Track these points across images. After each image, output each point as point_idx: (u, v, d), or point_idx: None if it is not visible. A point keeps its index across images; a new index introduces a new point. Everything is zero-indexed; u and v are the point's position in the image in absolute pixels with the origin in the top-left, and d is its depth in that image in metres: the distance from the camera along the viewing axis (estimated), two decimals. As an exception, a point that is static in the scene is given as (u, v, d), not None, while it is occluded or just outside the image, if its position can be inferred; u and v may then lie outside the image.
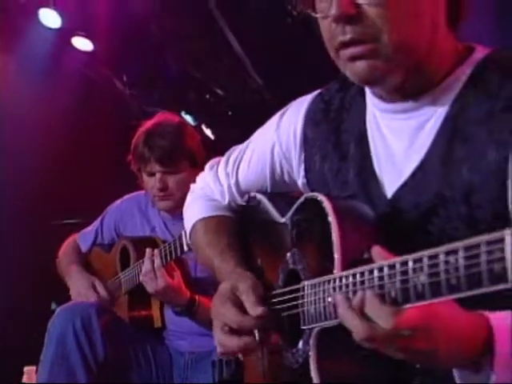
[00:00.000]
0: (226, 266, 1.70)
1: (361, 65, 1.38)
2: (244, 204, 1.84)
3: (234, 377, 1.67)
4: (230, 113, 6.31)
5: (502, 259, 0.99)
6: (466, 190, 1.37)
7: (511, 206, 1.31)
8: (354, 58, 1.38)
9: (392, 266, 1.17)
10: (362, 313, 1.19)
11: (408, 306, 1.15)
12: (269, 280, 1.64)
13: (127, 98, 6.24)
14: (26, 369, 3.96)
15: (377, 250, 1.23)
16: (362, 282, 1.22)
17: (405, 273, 1.14)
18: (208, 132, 6.28)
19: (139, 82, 6.27)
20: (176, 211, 3.01)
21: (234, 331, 1.55)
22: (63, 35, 5.55)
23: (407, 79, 1.42)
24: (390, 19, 1.34)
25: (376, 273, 1.19)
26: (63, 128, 5.38)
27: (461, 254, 1.05)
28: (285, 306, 1.52)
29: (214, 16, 5.87)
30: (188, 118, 6.20)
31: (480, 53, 1.45)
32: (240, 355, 1.67)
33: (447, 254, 1.08)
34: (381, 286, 1.18)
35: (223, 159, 1.89)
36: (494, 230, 1.26)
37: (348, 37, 1.36)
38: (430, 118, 1.44)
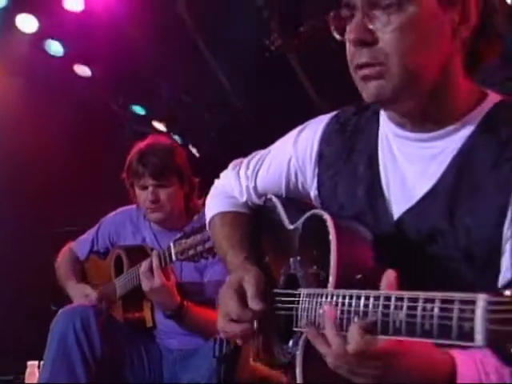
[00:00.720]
0: (236, 259, 1.69)
1: (371, 85, 1.37)
2: (261, 204, 1.82)
3: (231, 353, 1.70)
4: (212, 133, 6.32)
5: (472, 319, 0.97)
6: (466, 225, 1.35)
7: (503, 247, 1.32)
8: (366, 79, 1.38)
9: (377, 298, 1.15)
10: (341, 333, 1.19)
11: (385, 337, 1.13)
12: (272, 277, 1.64)
13: (122, 118, 6.26)
14: (29, 363, 3.97)
15: (388, 276, 1.19)
16: (350, 305, 1.21)
17: (387, 307, 1.13)
18: (194, 151, 6.29)
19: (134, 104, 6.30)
20: (166, 223, 3.05)
21: (234, 320, 1.55)
22: (65, 62, 5.58)
23: (421, 109, 1.40)
24: (400, 46, 1.34)
25: (363, 300, 1.18)
26: (63, 145, 5.35)
27: (437, 304, 1.04)
28: (282, 305, 1.53)
29: (202, 51, 5.93)
30: (176, 138, 6.22)
31: (493, 99, 1.43)
32: (239, 341, 1.66)
33: (425, 300, 1.06)
34: (364, 313, 1.17)
35: (245, 162, 1.87)
36: (488, 264, 1.32)
37: (362, 60, 1.36)
38: (442, 152, 1.42)
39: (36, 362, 3.85)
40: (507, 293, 0.93)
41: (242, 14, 5.38)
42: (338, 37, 1.42)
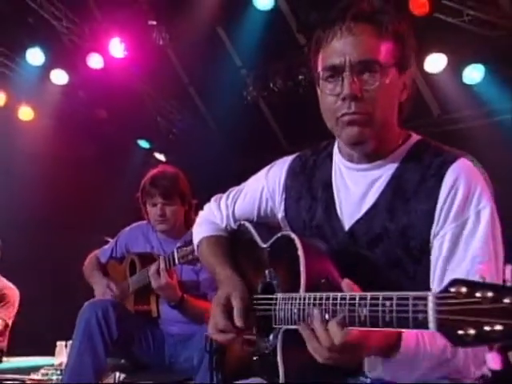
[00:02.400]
0: (224, 272, 1.63)
1: (355, 129, 1.38)
2: (236, 228, 1.78)
3: (220, 348, 1.66)
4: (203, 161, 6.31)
5: (425, 312, 0.99)
6: (403, 226, 1.38)
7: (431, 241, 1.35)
8: (351, 124, 1.38)
9: (343, 298, 1.16)
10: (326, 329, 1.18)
11: (351, 328, 1.14)
12: (250, 286, 1.59)
13: (130, 150, 6.26)
14: (58, 343, 3.95)
15: (345, 283, 1.20)
16: (320, 304, 1.21)
17: (352, 305, 1.13)
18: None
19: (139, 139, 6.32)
20: (169, 233, 3.04)
21: (221, 330, 1.51)
22: (88, 107, 5.61)
23: (375, 148, 1.43)
24: (380, 102, 1.36)
25: (331, 300, 1.18)
26: (86, 170, 5.39)
27: (394, 300, 1.05)
28: (261, 307, 1.49)
29: (193, 98, 5.99)
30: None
31: (414, 138, 1.48)
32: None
33: (384, 298, 1.08)
34: (334, 311, 1.17)
35: (225, 195, 1.83)
36: (423, 253, 1.35)
37: (352, 110, 1.36)
38: (380, 177, 1.45)
39: (63, 342, 3.83)
40: (452, 289, 0.95)
41: (225, 71, 5.45)
42: (325, 89, 1.41)
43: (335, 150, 1.57)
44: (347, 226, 1.48)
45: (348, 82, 1.35)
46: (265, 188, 1.71)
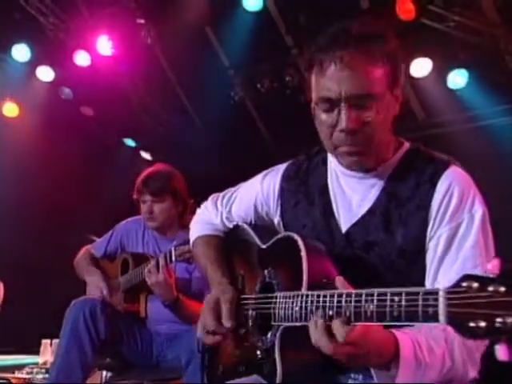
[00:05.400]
0: (214, 275, 1.66)
1: (353, 159, 1.44)
2: (231, 228, 1.80)
3: (212, 348, 1.68)
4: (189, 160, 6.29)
5: (436, 306, 1.01)
6: (398, 231, 1.42)
7: (427, 246, 1.39)
8: (350, 154, 1.43)
9: (349, 295, 1.17)
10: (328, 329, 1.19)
11: (357, 323, 1.15)
12: (247, 286, 1.62)
13: (116, 148, 6.24)
14: (43, 341, 3.92)
15: (339, 280, 1.23)
16: (324, 301, 1.22)
17: (358, 301, 1.15)
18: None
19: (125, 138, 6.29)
20: (160, 231, 3.08)
21: (211, 332, 1.55)
22: (74, 104, 5.57)
23: (373, 163, 1.47)
24: (377, 129, 1.40)
25: (336, 297, 1.19)
26: (73, 167, 5.35)
27: (403, 296, 1.07)
28: (260, 306, 1.51)
29: (181, 97, 5.98)
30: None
31: (406, 145, 1.53)
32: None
33: (392, 294, 1.09)
34: (338, 307, 1.18)
35: (221, 195, 1.85)
36: (418, 256, 1.39)
37: (349, 142, 1.40)
38: (376, 184, 1.49)
39: (48, 341, 3.81)
40: (463, 284, 0.97)
41: (212, 71, 5.45)
42: (321, 118, 1.43)
43: (329, 156, 1.60)
44: (344, 228, 1.51)
45: (345, 116, 1.38)
46: (259, 194, 1.73)
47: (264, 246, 1.61)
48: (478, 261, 1.34)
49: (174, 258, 2.68)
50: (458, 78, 4.61)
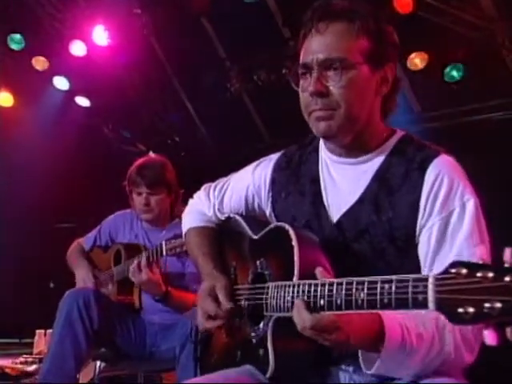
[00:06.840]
0: (206, 266, 1.67)
1: (322, 124, 1.43)
2: (223, 219, 1.79)
3: (205, 338, 1.71)
4: (182, 153, 6.29)
5: (425, 292, 1.01)
6: (389, 218, 1.42)
7: (418, 232, 1.39)
8: (318, 120, 1.44)
9: (340, 283, 1.18)
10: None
11: (348, 311, 1.15)
12: (240, 277, 1.62)
13: (112, 139, 6.22)
14: (37, 332, 3.93)
15: (318, 271, 1.25)
16: (315, 291, 1.22)
17: (349, 289, 1.15)
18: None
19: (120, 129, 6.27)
20: (153, 222, 3.06)
21: (211, 317, 1.56)
22: (69, 95, 5.54)
23: (353, 142, 1.47)
24: (345, 98, 1.41)
25: (327, 287, 1.20)
26: (67, 158, 5.32)
27: (394, 283, 1.07)
28: (252, 296, 1.51)
29: (177, 88, 5.96)
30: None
31: (399, 133, 1.53)
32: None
33: (383, 281, 1.09)
34: (329, 296, 1.19)
35: (213, 185, 1.85)
36: (407, 243, 1.39)
37: (318, 106, 1.42)
38: (366, 172, 1.49)
39: (42, 331, 3.81)
40: (452, 270, 0.97)
41: (209, 63, 5.44)
42: (294, 87, 1.48)
43: (321, 144, 1.60)
44: (335, 218, 1.51)
45: (313, 79, 1.42)
46: (250, 185, 1.72)
47: (256, 237, 1.60)
48: (472, 251, 1.33)
49: (164, 253, 2.68)
50: (454, 72, 4.61)
